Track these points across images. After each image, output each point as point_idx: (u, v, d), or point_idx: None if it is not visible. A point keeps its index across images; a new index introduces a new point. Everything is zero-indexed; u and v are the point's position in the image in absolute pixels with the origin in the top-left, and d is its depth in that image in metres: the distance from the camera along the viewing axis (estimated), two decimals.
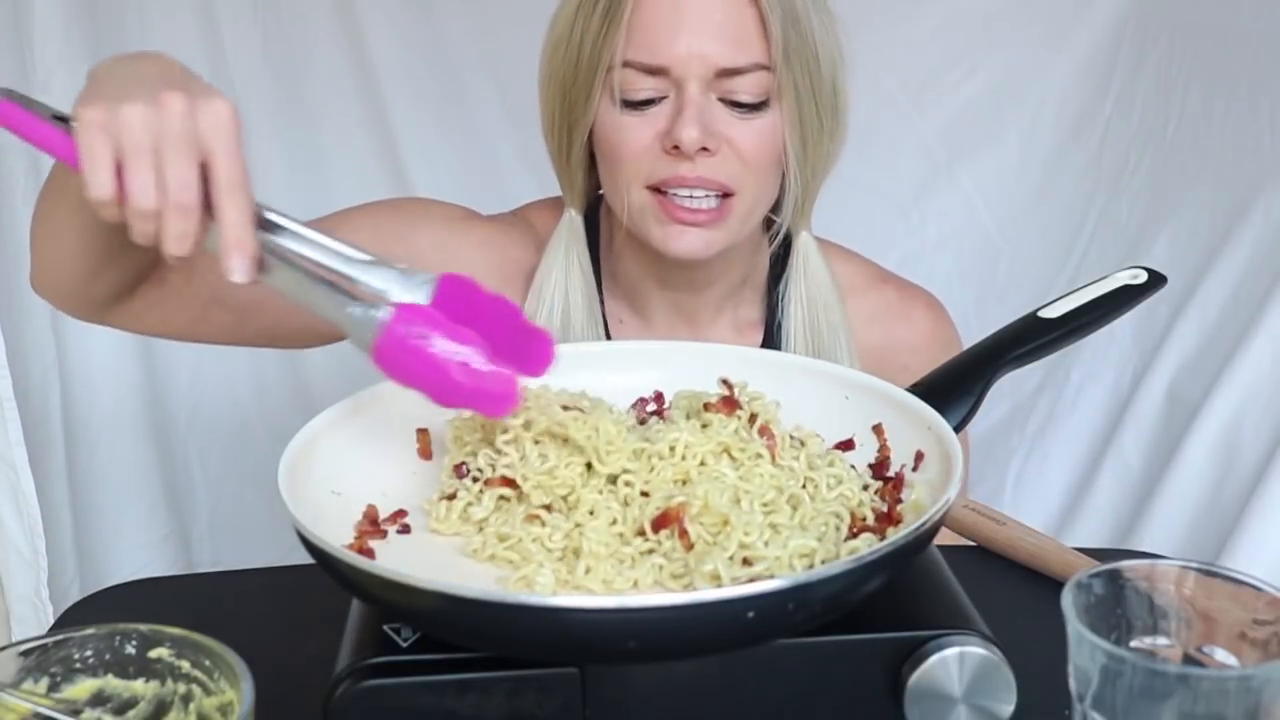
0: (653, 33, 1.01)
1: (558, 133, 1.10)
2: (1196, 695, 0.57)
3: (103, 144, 0.72)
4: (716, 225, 1.05)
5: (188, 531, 1.77)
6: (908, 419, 0.82)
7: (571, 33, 1.05)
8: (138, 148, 0.72)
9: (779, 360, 0.94)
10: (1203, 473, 1.44)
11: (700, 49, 1.00)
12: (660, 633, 0.63)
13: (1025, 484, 1.72)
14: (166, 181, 0.72)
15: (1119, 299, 0.92)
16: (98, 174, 0.72)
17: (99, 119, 0.72)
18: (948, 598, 0.74)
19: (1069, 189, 1.75)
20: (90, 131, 0.72)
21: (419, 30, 1.74)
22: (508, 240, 1.16)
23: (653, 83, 1.02)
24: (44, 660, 0.62)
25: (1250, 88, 1.49)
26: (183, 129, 0.72)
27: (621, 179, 1.05)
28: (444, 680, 0.66)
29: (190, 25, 1.65)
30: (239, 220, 0.73)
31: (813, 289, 1.15)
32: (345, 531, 0.76)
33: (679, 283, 1.14)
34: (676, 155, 1.02)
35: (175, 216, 0.72)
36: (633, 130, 1.03)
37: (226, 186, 0.73)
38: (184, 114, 0.72)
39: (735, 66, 1.01)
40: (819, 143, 1.07)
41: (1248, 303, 1.45)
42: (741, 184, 1.04)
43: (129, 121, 0.71)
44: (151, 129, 0.72)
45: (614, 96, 1.03)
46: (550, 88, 1.09)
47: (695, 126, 1.00)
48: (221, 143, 0.73)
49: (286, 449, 0.76)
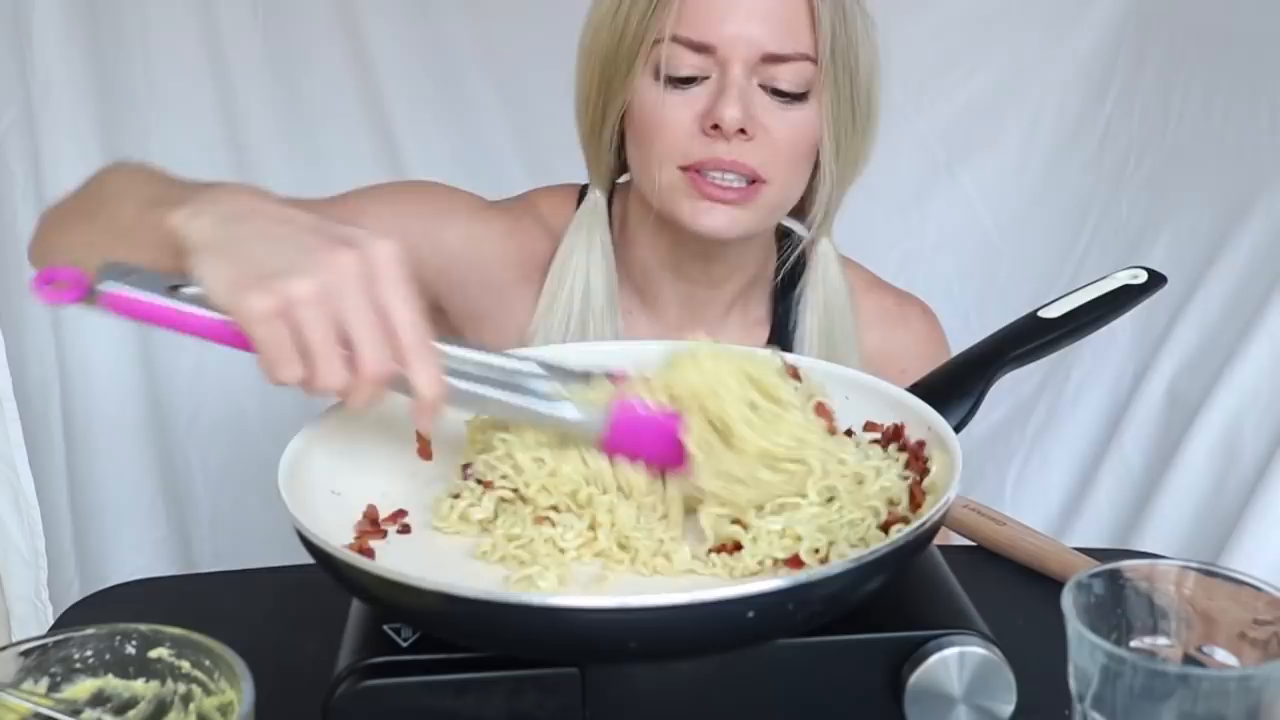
0: (705, 11, 1.02)
1: (592, 109, 1.10)
2: (1196, 695, 0.57)
3: (283, 337, 0.67)
4: (744, 205, 1.05)
5: (188, 531, 1.77)
6: (908, 419, 0.82)
7: (619, 8, 1.05)
8: (323, 336, 0.68)
9: None
10: (1203, 473, 1.44)
11: (749, 31, 1.01)
12: (660, 633, 0.63)
13: (1025, 484, 1.72)
14: (360, 362, 0.69)
15: (1119, 299, 0.92)
16: (283, 368, 0.68)
17: (270, 308, 0.67)
18: (948, 598, 0.74)
19: (1069, 189, 1.75)
20: (267, 325, 0.67)
21: (419, 30, 1.74)
22: (523, 231, 1.17)
23: (698, 61, 1.02)
24: (44, 660, 0.62)
25: (1250, 88, 1.49)
26: (359, 294, 0.68)
27: (654, 157, 1.05)
28: (444, 680, 0.66)
29: (190, 25, 1.65)
30: (431, 379, 0.70)
31: (831, 297, 1.15)
32: (345, 531, 0.76)
33: (695, 274, 1.14)
34: (714, 135, 1.02)
35: (368, 390, 0.70)
36: (673, 109, 1.03)
37: (414, 346, 0.70)
38: (358, 276, 0.68)
39: (781, 53, 1.02)
40: (851, 144, 1.08)
41: (1248, 303, 1.45)
42: (773, 173, 1.04)
43: (301, 303, 0.67)
44: (329, 304, 0.67)
45: (657, 72, 1.03)
46: (589, 62, 1.09)
47: (737, 106, 1.00)
48: (398, 296, 0.69)
49: (286, 449, 0.76)
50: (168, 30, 1.63)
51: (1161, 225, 1.61)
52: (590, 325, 1.12)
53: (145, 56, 1.63)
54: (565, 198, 1.19)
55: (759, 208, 1.06)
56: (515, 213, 1.18)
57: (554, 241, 1.16)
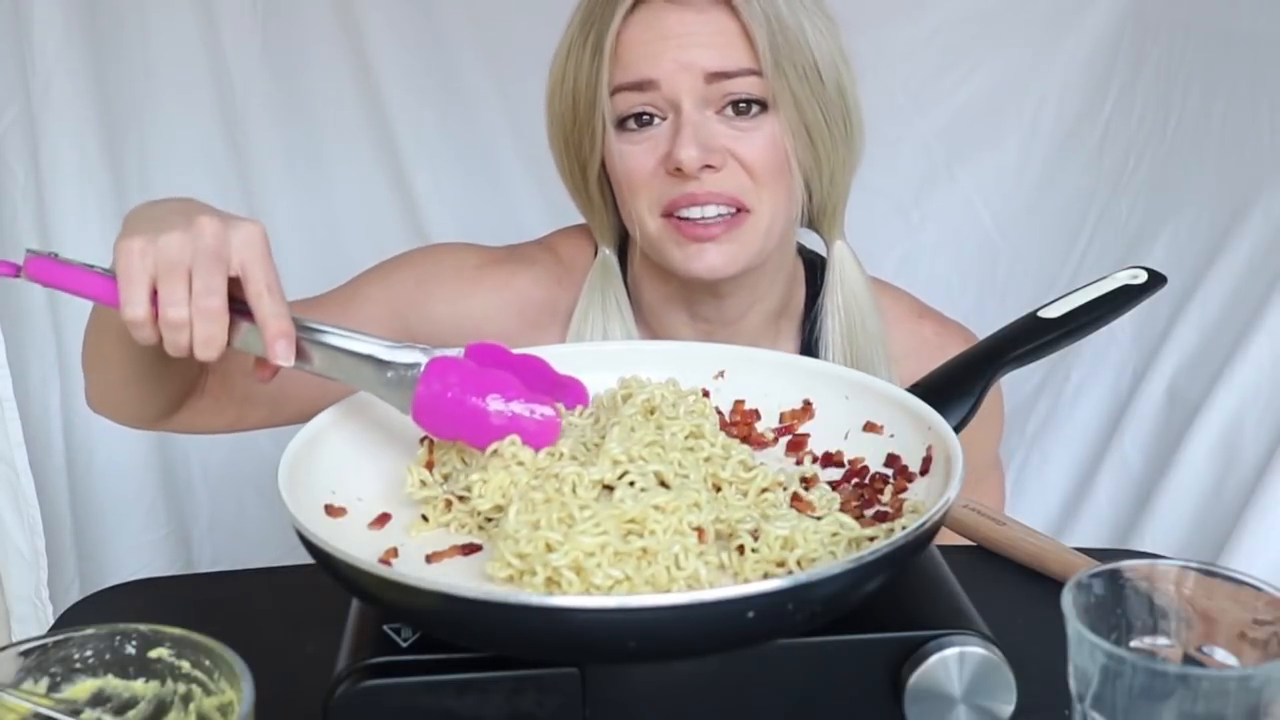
0: (638, 53, 1.02)
1: (573, 174, 1.11)
2: (1196, 695, 0.57)
3: (140, 268, 0.77)
4: (733, 238, 1.03)
5: (188, 531, 1.77)
6: (908, 419, 0.82)
7: (564, 74, 1.06)
8: (171, 266, 0.77)
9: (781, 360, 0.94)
10: (1203, 472, 1.44)
11: (685, 58, 1.01)
12: (660, 633, 0.63)
13: (1025, 484, 1.72)
14: (195, 291, 0.77)
15: (1119, 299, 0.92)
16: (133, 295, 0.77)
17: (138, 246, 0.77)
18: (948, 598, 0.74)
19: (1069, 189, 1.75)
20: (129, 257, 0.77)
21: (419, 30, 1.74)
22: (529, 283, 1.15)
23: (645, 100, 1.02)
24: (44, 660, 0.62)
25: (1250, 88, 1.49)
26: (214, 245, 0.78)
27: (636, 209, 1.05)
28: (444, 680, 0.66)
29: (190, 25, 1.65)
30: (276, 311, 0.78)
31: (849, 298, 1.13)
32: (345, 532, 0.76)
33: (708, 313, 1.12)
34: (681, 177, 1.01)
35: (202, 321, 0.77)
36: (636, 157, 1.04)
37: (262, 289, 0.78)
38: (215, 234, 0.78)
39: (724, 70, 1.01)
40: (833, 149, 1.06)
41: (1248, 303, 1.45)
42: (756, 198, 1.03)
43: (165, 244, 0.77)
44: (185, 249, 0.77)
45: (613, 125, 1.04)
46: (556, 131, 1.10)
47: (693, 145, 1.00)
48: (252, 253, 0.79)
49: (286, 449, 0.76)
50: (168, 30, 1.63)
51: (1161, 225, 1.61)
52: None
53: (145, 57, 1.63)
54: (584, 241, 1.17)
55: (750, 237, 1.04)
56: (523, 261, 1.16)
57: (574, 288, 1.15)
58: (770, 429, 0.88)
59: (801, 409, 0.88)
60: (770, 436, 0.87)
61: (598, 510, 0.71)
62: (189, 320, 0.77)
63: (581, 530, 0.69)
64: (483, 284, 1.14)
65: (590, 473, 0.74)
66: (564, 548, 0.69)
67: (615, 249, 1.14)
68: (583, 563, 0.69)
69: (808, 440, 0.87)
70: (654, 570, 0.69)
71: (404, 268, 1.16)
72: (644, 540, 0.70)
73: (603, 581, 0.68)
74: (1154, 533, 1.46)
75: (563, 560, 0.68)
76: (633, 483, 0.74)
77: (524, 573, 0.70)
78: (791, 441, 0.87)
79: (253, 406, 1.09)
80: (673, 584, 0.69)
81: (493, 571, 0.71)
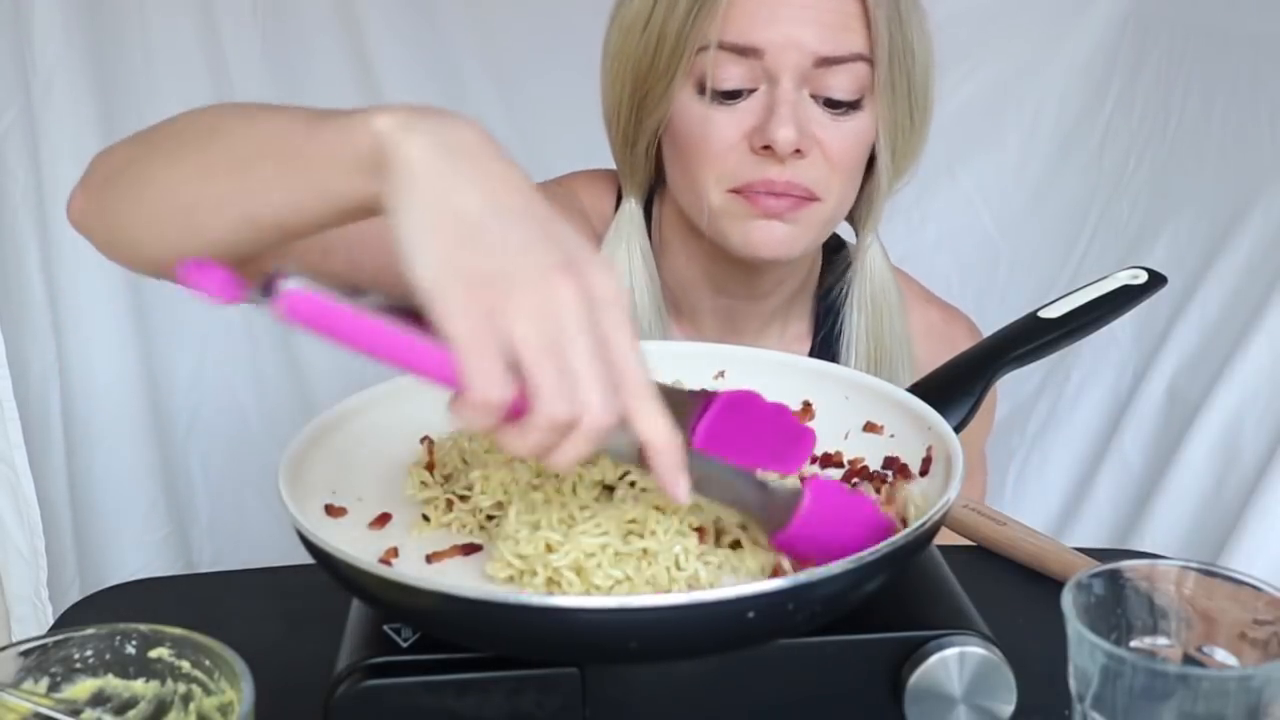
0: (750, 14, 0.95)
1: (624, 121, 1.03)
2: (1196, 695, 0.57)
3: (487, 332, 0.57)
4: (797, 219, 0.99)
5: (188, 532, 1.77)
6: (908, 419, 0.82)
7: (653, 12, 0.98)
8: (542, 350, 0.57)
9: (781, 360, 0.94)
10: (1203, 472, 1.44)
11: (799, 34, 0.95)
12: (660, 633, 0.63)
13: (1025, 484, 1.72)
14: (581, 394, 0.58)
15: (1119, 299, 0.92)
16: (489, 368, 0.57)
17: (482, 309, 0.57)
18: (948, 598, 0.74)
19: (1069, 189, 1.75)
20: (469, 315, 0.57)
21: (419, 30, 1.74)
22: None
23: (744, 70, 0.96)
24: (44, 660, 0.62)
25: (1250, 88, 1.49)
26: (587, 326, 0.58)
27: (701, 178, 0.99)
28: (444, 680, 0.66)
29: (190, 25, 1.65)
30: (667, 436, 0.60)
31: (878, 295, 1.10)
32: (345, 532, 0.76)
33: (736, 290, 1.09)
34: (765, 155, 0.96)
35: (588, 439, 0.59)
36: (719, 126, 0.97)
37: (642, 394, 0.60)
38: (581, 307, 0.58)
39: (835, 55, 0.95)
40: (909, 145, 1.04)
41: (1248, 303, 1.45)
42: (827, 189, 0.99)
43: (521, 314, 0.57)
44: (550, 326, 0.57)
45: (700, 85, 0.97)
46: (620, 71, 1.01)
47: (791, 125, 0.95)
48: (633, 347, 0.59)
49: (286, 449, 0.76)
50: (168, 30, 1.63)
51: (1161, 225, 1.61)
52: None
53: (145, 56, 1.63)
54: (605, 189, 1.12)
55: (812, 224, 1.00)
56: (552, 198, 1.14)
57: (595, 236, 1.09)
58: None
59: (801, 410, 0.88)
60: None
61: (598, 511, 0.71)
62: (573, 423, 0.58)
63: (582, 531, 0.69)
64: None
65: (591, 473, 0.74)
66: (564, 548, 0.69)
67: (643, 203, 1.09)
68: (583, 563, 0.68)
69: None
70: (654, 570, 0.69)
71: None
72: (644, 541, 0.70)
73: (603, 582, 0.68)
74: (1154, 533, 1.46)
75: (563, 561, 0.68)
76: (633, 483, 0.74)
77: (524, 573, 0.70)
78: None
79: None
80: (673, 584, 0.69)
81: (493, 572, 0.71)
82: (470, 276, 0.58)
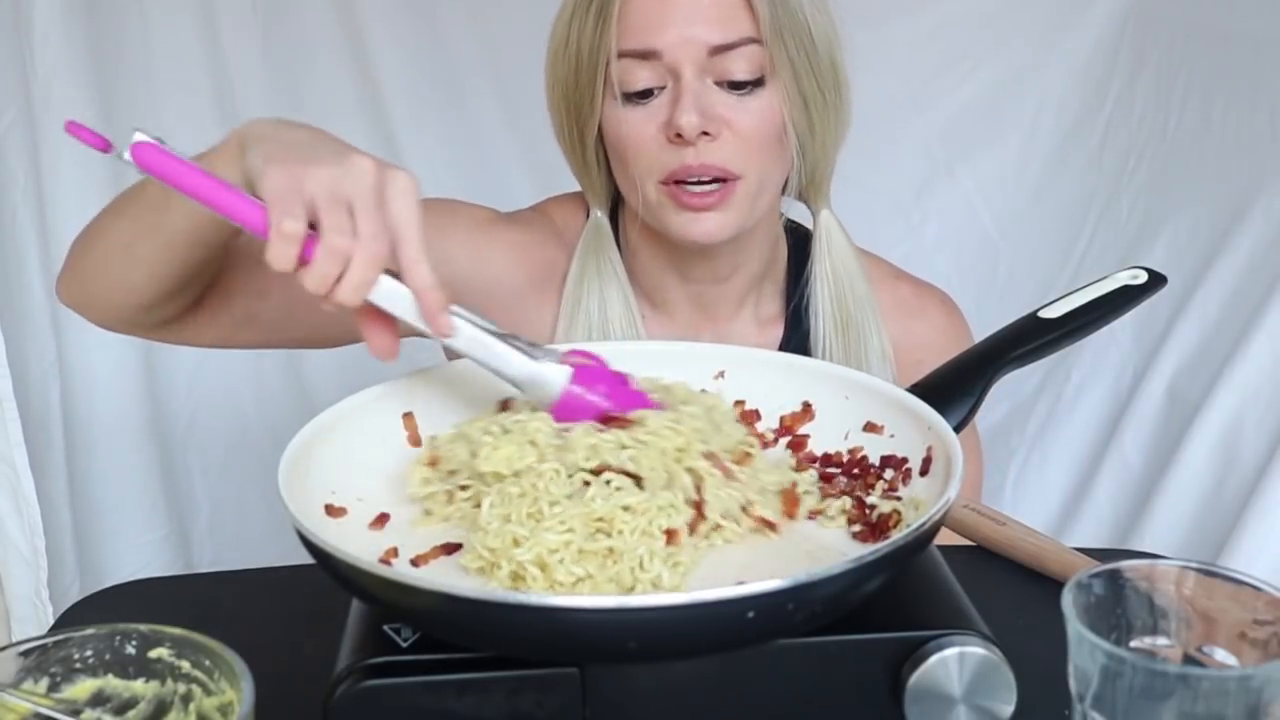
0: (643, 21, 1.04)
1: (569, 137, 1.13)
2: (1196, 695, 0.57)
3: (294, 190, 0.74)
4: (725, 207, 1.07)
5: (188, 531, 1.77)
6: (908, 419, 0.82)
7: (569, 37, 1.08)
8: (333, 197, 0.74)
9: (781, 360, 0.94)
10: (1203, 473, 1.44)
11: (689, 31, 1.03)
12: (660, 633, 0.63)
13: (1025, 484, 1.72)
14: (360, 230, 0.74)
15: (1119, 299, 0.92)
16: (292, 209, 0.73)
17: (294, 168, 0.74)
18: (948, 598, 0.74)
19: (1069, 189, 1.75)
20: (285, 176, 0.74)
21: (419, 30, 1.74)
22: (534, 243, 1.18)
23: (648, 71, 1.05)
24: (44, 660, 0.62)
25: (1250, 88, 1.49)
26: (375, 189, 0.74)
27: (633, 175, 1.08)
28: (444, 680, 0.66)
29: (190, 25, 1.66)
30: (435, 280, 0.75)
31: (838, 265, 1.17)
32: (345, 532, 0.76)
33: (701, 275, 1.16)
34: (679, 144, 1.04)
35: (363, 264, 0.74)
36: (636, 124, 1.06)
37: (420, 253, 0.75)
38: (375, 177, 0.75)
39: (725, 42, 1.04)
40: (824, 118, 1.10)
41: (1248, 303, 1.45)
42: (745, 166, 1.06)
43: (323, 175, 0.74)
44: (344, 184, 0.74)
45: (614, 91, 1.06)
46: (555, 94, 1.12)
47: (693, 112, 1.03)
48: (410, 210, 0.75)
49: (286, 449, 0.76)
50: (168, 30, 1.64)
51: (1161, 225, 1.61)
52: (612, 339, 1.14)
53: (145, 57, 1.63)
54: (576, 207, 1.20)
55: (739, 203, 1.07)
56: (527, 225, 1.19)
57: (568, 252, 1.18)
58: (770, 430, 0.88)
59: (801, 411, 0.88)
60: (770, 437, 0.87)
61: (567, 507, 0.72)
62: (349, 253, 0.74)
63: (547, 527, 0.70)
64: (498, 241, 1.16)
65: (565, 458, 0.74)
66: (529, 543, 0.70)
67: (607, 212, 1.18)
68: (546, 559, 0.69)
69: (807, 441, 0.87)
70: (618, 569, 0.70)
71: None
72: (611, 540, 0.70)
73: (565, 578, 0.69)
74: (1154, 533, 1.46)
75: (527, 555, 0.69)
76: (609, 481, 0.74)
77: (493, 565, 0.70)
78: (792, 442, 0.87)
79: (249, 328, 1.08)
80: (637, 585, 0.69)
81: (466, 563, 0.72)
82: (288, 162, 0.75)
